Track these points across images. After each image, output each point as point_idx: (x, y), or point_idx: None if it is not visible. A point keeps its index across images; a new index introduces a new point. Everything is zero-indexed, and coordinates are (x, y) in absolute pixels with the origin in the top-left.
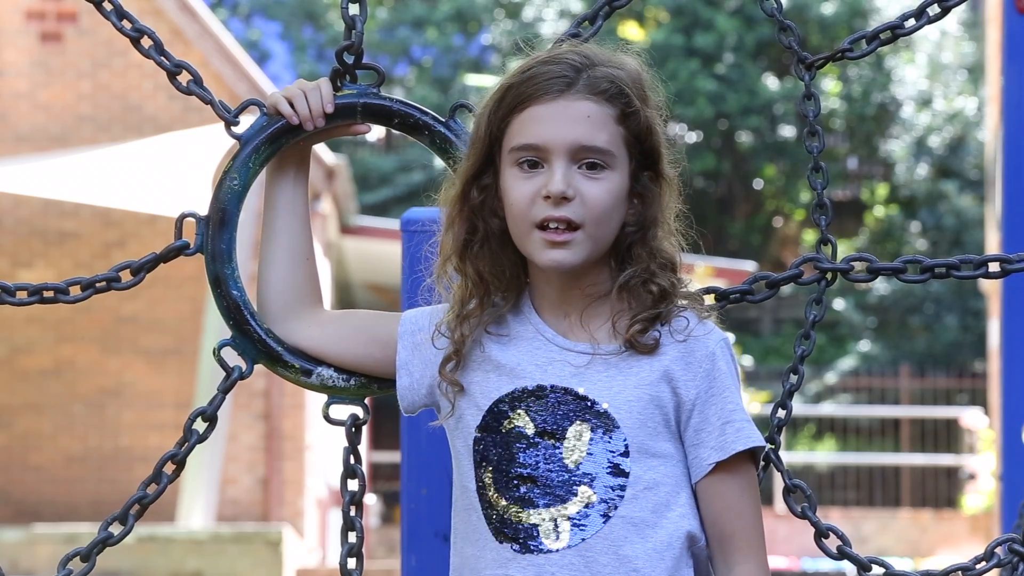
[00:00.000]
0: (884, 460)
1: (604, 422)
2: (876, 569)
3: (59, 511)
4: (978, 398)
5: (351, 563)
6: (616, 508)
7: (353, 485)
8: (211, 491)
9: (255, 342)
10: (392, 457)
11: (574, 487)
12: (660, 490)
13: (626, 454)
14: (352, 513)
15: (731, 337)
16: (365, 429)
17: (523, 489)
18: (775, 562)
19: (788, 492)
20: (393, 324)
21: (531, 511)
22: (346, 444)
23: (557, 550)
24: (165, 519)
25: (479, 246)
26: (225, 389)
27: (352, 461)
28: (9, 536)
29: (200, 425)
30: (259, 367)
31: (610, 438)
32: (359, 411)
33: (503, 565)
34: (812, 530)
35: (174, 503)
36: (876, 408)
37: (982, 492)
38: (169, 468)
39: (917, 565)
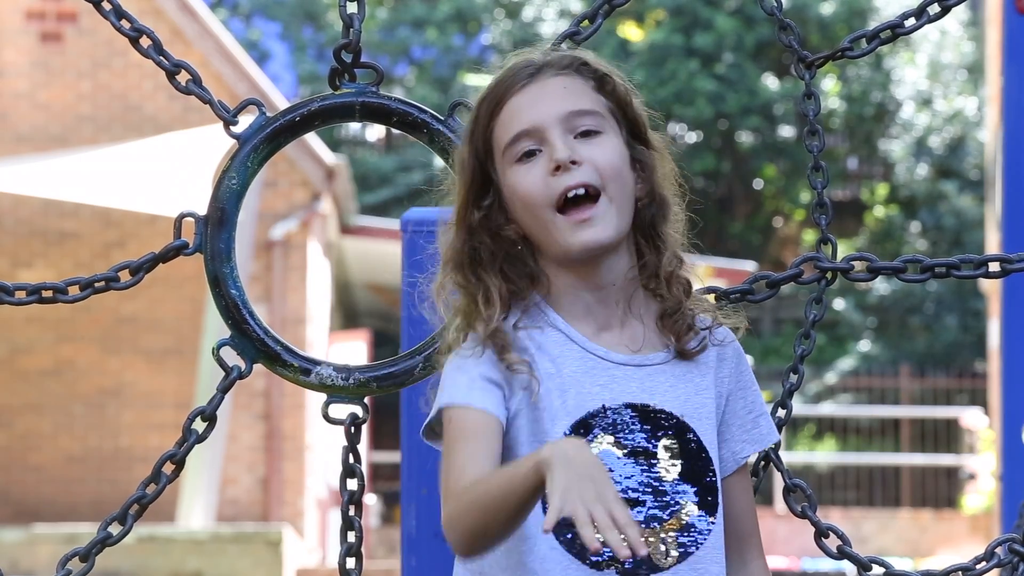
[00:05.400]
0: (884, 460)
1: (683, 432)
2: (876, 569)
3: (59, 511)
4: (978, 398)
5: (350, 563)
6: (715, 517)
7: (352, 484)
8: (211, 491)
9: (254, 341)
10: (392, 457)
11: (678, 501)
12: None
13: (709, 458)
14: (351, 513)
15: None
16: (365, 429)
17: None
18: (775, 562)
19: (788, 492)
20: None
21: None
22: (345, 443)
23: (670, 567)
24: (165, 519)
25: (490, 255)
26: (224, 389)
27: (351, 460)
28: (9, 536)
29: (199, 425)
30: (259, 367)
31: (693, 446)
32: (358, 410)
33: None
34: (812, 530)
35: (174, 503)
36: (876, 408)
37: (982, 492)
38: (168, 468)
39: (917, 565)
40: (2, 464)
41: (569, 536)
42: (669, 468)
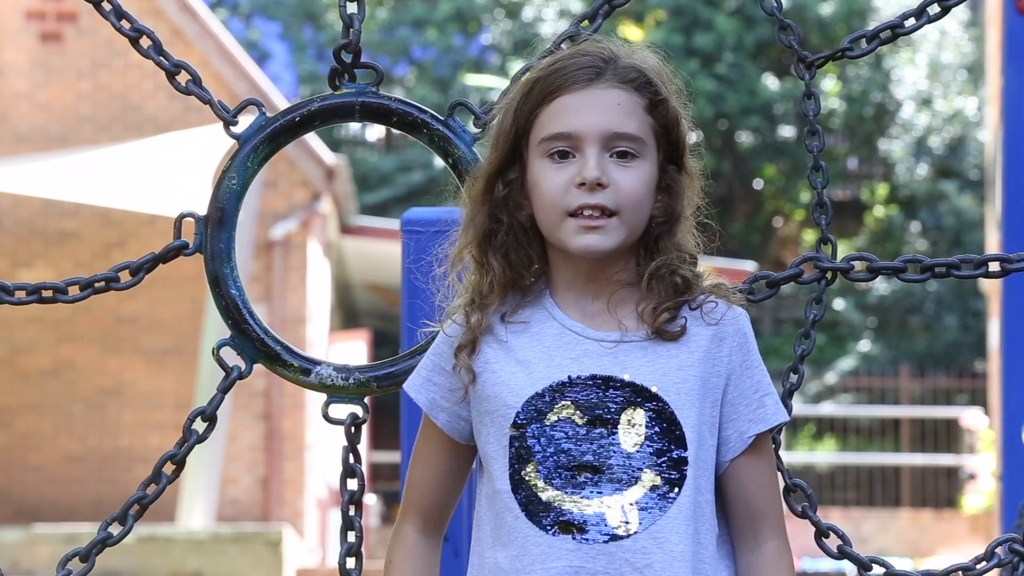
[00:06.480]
0: (884, 460)
1: (656, 405)
2: (876, 568)
3: (59, 511)
4: (978, 398)
5: (350, 563)
6: (680, 488)
7: (352, 484)
8: (211, 491)
9: (254, 341)
10: (392, 457)
11: (636, 472)
12: (711, 468)
13: (682, 434)
14: (351, 513)
15: None
16: (365, 429)
17: (581, 479)
18: None
19: (788, 491)
20: (443, 442)
21: (594, 500)
22: (345, 443)
23: (629, 535)
24: (165, 519)
25: (503, 237)
26: (224, 389)
27: (351, 460)
28: (9, 536)
29: (200, 425)
30: (259, 367)
31: (664, 420)
32: (358, 410)
33: (562, 557)
34: (812, 530)
35: (174, 503)
36: (876, 408)
37: (982, 492)
38: (169, 468)
39: (917, 565)
40: (2, 464)
41: (522, 497)
42: (630, 438)
